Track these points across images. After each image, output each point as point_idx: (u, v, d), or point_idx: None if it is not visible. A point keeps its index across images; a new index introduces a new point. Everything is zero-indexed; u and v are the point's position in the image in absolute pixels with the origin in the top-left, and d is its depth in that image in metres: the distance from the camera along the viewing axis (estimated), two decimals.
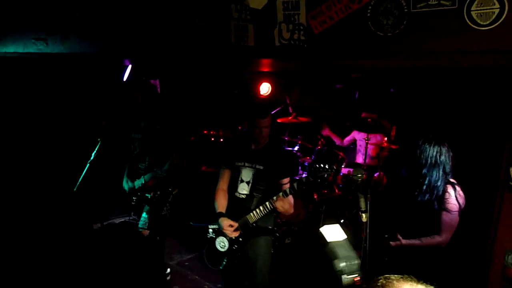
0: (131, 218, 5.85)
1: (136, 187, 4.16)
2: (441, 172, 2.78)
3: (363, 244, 2.61)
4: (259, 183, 3.16)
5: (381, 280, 1.14)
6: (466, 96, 4.27)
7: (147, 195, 4.16)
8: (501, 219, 2.71)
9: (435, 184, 2.78)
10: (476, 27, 2.04)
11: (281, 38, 2.58)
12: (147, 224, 4.17)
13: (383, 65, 2.83)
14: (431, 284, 1.12)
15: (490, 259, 2.79)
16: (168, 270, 4.61)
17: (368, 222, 2.67)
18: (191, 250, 5.25)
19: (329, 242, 1.60)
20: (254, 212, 3.11)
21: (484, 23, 2.01)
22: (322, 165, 2.91)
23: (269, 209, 3.04)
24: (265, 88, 6.75)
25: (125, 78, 5.43)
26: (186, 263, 4.99)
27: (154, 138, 4.03)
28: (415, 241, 2.86)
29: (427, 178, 2.80)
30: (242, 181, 3.23)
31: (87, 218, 5.43)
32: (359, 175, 2.76)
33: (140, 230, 4.19)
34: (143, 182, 4.09)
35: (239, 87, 7.03)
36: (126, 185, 4.28)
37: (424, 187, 2.81)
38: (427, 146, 2.82)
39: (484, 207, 2.81)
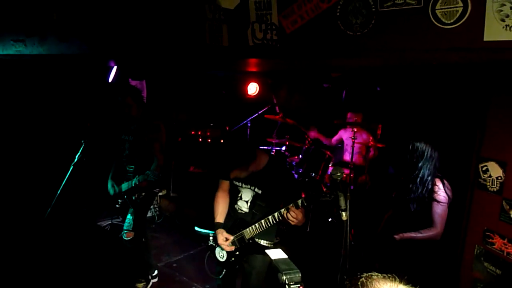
0: (118, 220, 5.85)
1: (124, 190, 4.15)
2: (432, 167, 2.86)
3: (343, 243, 2.63)
4: (258, 204, 3.10)
5: (362, 279, 1.14)
6: (441, 95, 4.31)
7: (133, 197, 4.15)
8: (471, 215, 2.74)
9: (427, 178, 2.86)
10: (441, 26, 2.05)
11: (255, 38, 2.59)
12: (131, 225, 4.15)
13: (355, 64, 2.84)
14: (414, 286, 1.11)
15: (461, 254, 2.82)
16: (156, 272, 4.59)
17: (348, 221, 2.69)
18: (180, 251, 5.25)
19: (273, 259, 1.88)
20: (251, 228, 3.04)
21: (449, 22, 2.03)
22: (323, 191, 2.71)
23: (272, 223, 2.92)
24: (252, 88, 6.76)
25: (110, 80, 5.42)
26: (174, 265, 4.98)
27: (143, 141, 4.04)
28: (417, 234, 2.89)
29: (422, 172, 2.87)
30: (241, 198, 3.19)
31: (73, 220, 5.41)
32: (338, 174, 2.78)
33: (125, 232, 4.18)
34: (137, 183, 4.04)
35: (227, 88, 7.04)
36: (111, 188, 4.25)
37: (418, 179, 2.87)
38: (422, 143, 2.90)
39: (456, 204, 2.85)
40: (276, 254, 1.93)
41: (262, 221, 2.95)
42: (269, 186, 3.08)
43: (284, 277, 1.74)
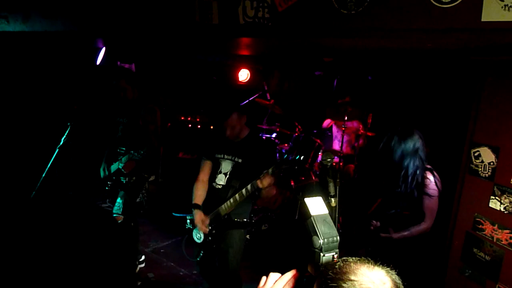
0: (105, 205, 5.79)
1: (113, 171, 4.11)
2: (418, 160, 2.79)
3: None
4: (236, 175, 3.15)
5: (338, 263, 1.15)
6: (434, 82, 4.30)
7: (122, 179, 4.11)
8: (461, 201, 2.73)
9: (416, 173, 2.79)
10: (438, 5, 1.99)
11: (246, 16, 2.51)
12: (121, 209, 4.13)
13: (348, 45, 2.78)
14: (387, 266, 1.14)
15: (450, 240, 2.81)
16: (143, 257, 4.55)
17: (337, 207, 2.66)
18: (167, 237, 5.22)
19: (312, 215, 1.46)
20: (225, 204, 3.09)
21: (447, 1, 1.98)
22: (289, 156, 2.87)
23: (245, 195, 2.99)
24: (243, 75, 6.70)
25: (98, 62, 5.30)
26: (162, 250, 4.95)
27: (138, 123, 4.05)
28: (405, 233, 2.86)
29: (408, 169, 2.80)
30: (220, 172, 3.23)
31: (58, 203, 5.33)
32: (329, 160, 2.75)
33: (115, 216, 4.15)
34: (122, 165, 4.03)
35: (217, 74, 6.95)
36: (102, 170, 4.27)
37: (409, 178, 2.80)
38: (400, 139, 2.81)
39: (446, 190, 2.83)
40: (316, 206, 1.49)
41: (236, 195, 3.01)
42: (249, 156, 3.13)
43: (320, 241, 1.40)
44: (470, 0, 1.91)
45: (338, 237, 1.43)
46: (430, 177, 2.78)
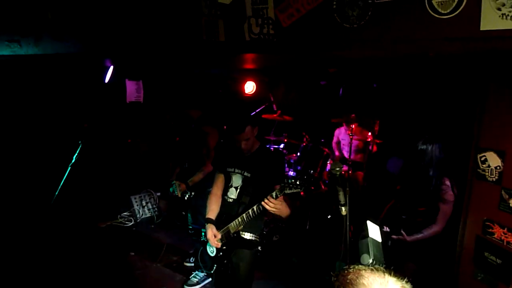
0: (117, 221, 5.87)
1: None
2: (441, 167, 2.89)
3: (343, 238, 2.63)
4: (246, 190, 3.14)
5: (350, 275, 1.13)
6: (438, 87, 4.33)
7: (184, 194, 4.33)
8: (470, 205, 2.75)
9: (436, 181, 2.90)
10: (437, 16, 2.06)
11: (251, 32, 2.59)
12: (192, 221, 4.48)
13: (352, 56, 2.85)
14: (402, 278, 1.12)
15: (461, 244, 2.83)
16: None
17: (347, 215, 2.69)
18: (179, 251, 5.25)
19: (370, 236, 1.68)
20: (234, 222, 3.07)
21: (445, 12, 2.04)
22: (293, 181, 2.71)
23: (252, 216, 2.96)
24: (249, 87, 6.76)
25: (106, 80, 5.40)
26: (174, 264, 4.98)
27: (193, 146, 4.45)
28: (418, 235, 2.93)
29: (433, 175, 2.91)
30: (231, 186, 3.23)
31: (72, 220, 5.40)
32: (337, 169, 2.78)
33: (190, 227, 4.53)
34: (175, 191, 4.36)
35: (223, 86, 7.02)
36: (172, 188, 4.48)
37: (433, 182, 2.90)
38: (429, 146, 2.91)
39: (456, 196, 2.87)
40: (375, 232, 1.73)
41: (244, 215, 3.00)
42: (257, 170, 3.11)
43: (370, 260, 1.60)
44: (469, 10, 1.97)
45: (385, 265, 1.52)
46: (448, 182, 2.87)
